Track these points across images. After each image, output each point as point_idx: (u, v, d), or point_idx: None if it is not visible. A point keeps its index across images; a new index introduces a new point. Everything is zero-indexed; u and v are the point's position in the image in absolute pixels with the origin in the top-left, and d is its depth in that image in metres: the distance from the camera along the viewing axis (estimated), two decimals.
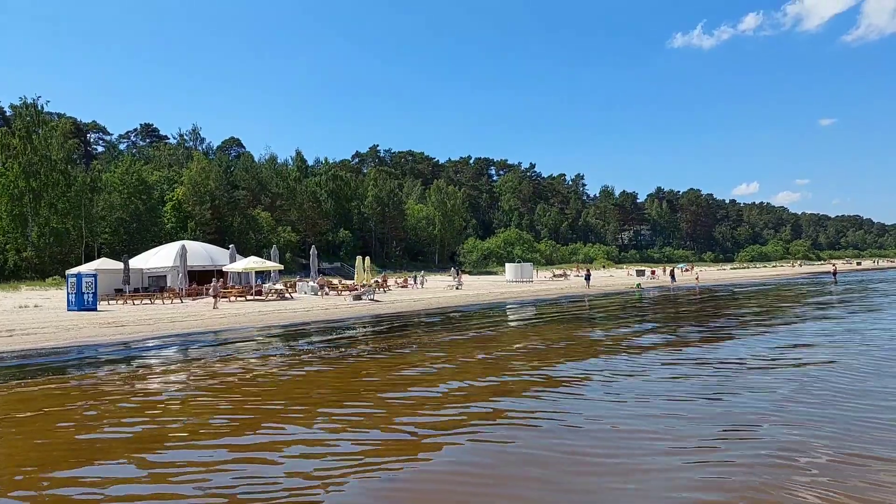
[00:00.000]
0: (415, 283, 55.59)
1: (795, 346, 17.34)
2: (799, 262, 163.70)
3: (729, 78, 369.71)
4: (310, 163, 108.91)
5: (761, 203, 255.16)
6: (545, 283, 62.65)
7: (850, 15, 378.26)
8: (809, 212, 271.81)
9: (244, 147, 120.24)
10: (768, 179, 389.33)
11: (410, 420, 9.60)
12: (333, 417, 9.88)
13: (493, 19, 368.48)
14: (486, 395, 11.45)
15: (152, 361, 16.67)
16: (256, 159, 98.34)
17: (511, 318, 29.56)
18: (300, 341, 20.58)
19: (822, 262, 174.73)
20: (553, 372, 13.72)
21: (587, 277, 58.08)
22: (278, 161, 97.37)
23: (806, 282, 66.39)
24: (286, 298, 37.59)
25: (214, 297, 32.61)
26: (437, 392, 11.80)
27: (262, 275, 44.41)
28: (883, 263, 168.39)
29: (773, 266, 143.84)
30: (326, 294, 41.88)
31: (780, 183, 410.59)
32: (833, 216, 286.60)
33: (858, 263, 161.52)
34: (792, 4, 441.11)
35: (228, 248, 44.54)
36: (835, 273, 71.39)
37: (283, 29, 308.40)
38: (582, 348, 17.90)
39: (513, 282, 61.90)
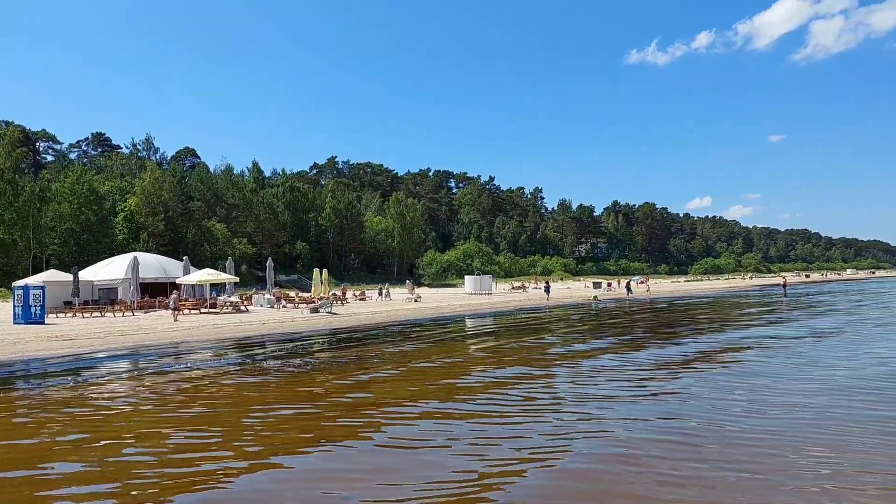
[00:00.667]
0: (379, 295, 55.26)
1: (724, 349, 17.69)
2: (750, 275, 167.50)
3: (683, 94, 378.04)
4: (267, 174, 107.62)
5: (714, 217, 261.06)
6: (504, 295, 62.86)
7: (798, 34, 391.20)
8: (760, 226, 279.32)
9: (199, 157, 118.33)
10: (721, 194, 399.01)
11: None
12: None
13: (454, 33, 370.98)
14: (436, 395, 11.35)
15: (99, 375, 16.16)
16: (212, 170, 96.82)
17: (470, 330, 29.55)
18: (252, 355, 20.22)
19: (773, 274, 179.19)
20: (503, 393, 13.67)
21: (546, 289, 58.80)
22: (234, 172, 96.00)
23: (757, 294, 68.00)
24: (241, 311, 36.97)
25: (175, 310, 31.92)
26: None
27: (217, 287, 43.66)
28: (830, 276, 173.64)
29: (726, 278, 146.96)
30: (283, 307, 41.31)
31: (732, 197, 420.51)
32: (783, 230, 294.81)
33: (807, 276, 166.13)
34: (743, 23, 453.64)
35: (182, 260, 43.67)
36: (785, 286, 73.06)
37: (240, 38, 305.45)
38: (539, 360, 17.93)
39: (472, 294, 61.98)
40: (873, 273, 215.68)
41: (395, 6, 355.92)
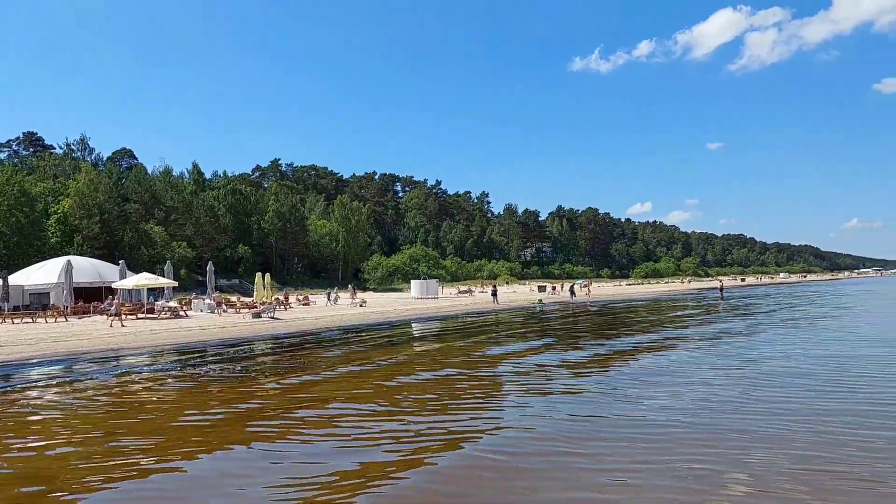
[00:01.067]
0: (328, 299, 54.69)
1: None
2: (689, 278, 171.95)
3: (625, 101, 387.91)
4: (207, 176, 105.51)
5: (654, 222, 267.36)
6: (450, 299, 62.86)
7: (735, 45, 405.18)
8: (699, 231, 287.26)
9: (137, 158, 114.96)
10: (661, 199, 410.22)
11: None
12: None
13: (401, 39, 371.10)
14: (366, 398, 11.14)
15: (25, 382, 15.37)
16: (150, 171, 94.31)
17: (416, 334, 29.35)
18: (191, 361, 19.60)
19: (710, 277, 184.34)
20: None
21: (494, 294, 59.10)
22: (174, 174, 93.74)
23: (695, 297, 69.68)
24: (181, 317, 35.93)
25: (117, 315, 30.88)
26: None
27: (155, 292, 42.42)
28: (765, 280, 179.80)
29: (666, 282, 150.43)
30: (224, 312, 40.34)
31: (672, 203, 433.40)
32: (720, 235, 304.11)
33: (743, 280, 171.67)
34: (682, 33, 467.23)
35: (118, 264, 42.25)
36: (721, 289, 75.04)
37: (179, 37, 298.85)
38: (476, 362, 17.86)
39: (418, 298, 61.73)
40: (805, 277, 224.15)
41: (341, 8, 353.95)
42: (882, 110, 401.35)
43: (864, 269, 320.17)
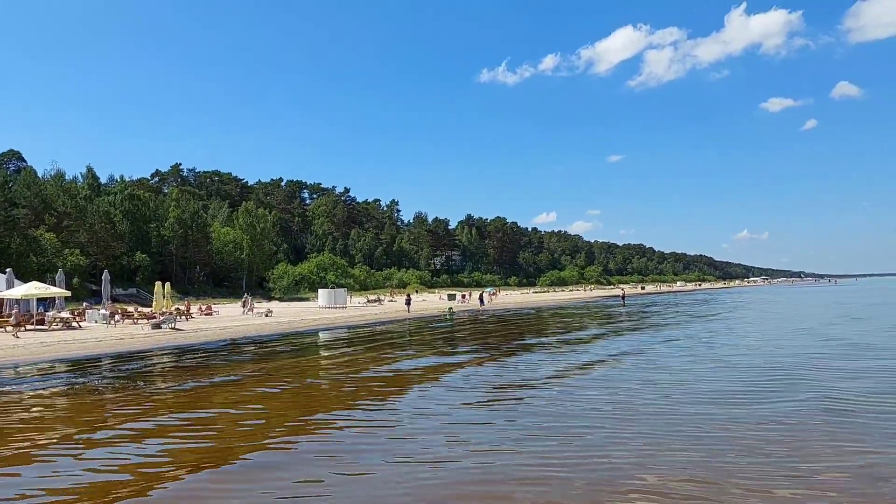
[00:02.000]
0: (244, 307, 53.54)
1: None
2: (592, 286, 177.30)
3: (531, 113, 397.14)
4: (103, 180, 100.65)
5: (559, 231, 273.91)
6: (359, 308, 62.34)
7: (634, 62, 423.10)
8: (601, 240, 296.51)
9: (25, 161, 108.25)
10: (565, 210, 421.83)
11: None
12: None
13: (306, 47, 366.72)
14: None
15: None
16: (41, 175, 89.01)
17: (321, 344, 29.01)
18: (84, 374, 18.64)
19: (613, 286, 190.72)
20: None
21: (408, 302, 59.69)
22: (66, 178, 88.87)
23: (599, 304, 72.02)
24: (73, 328, 34.03)
25: (16, 325, 29.01)
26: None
27: (45, 302, 40.07)
28: (664, 288, 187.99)
29: (570, 290, 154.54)
30: (117, 322, 38.50)
31: (576, 213, 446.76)
32: (621, 244, 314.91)
33: (643, 288, 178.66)
34: (586, 48, 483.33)
35: (5, 273, 39.64)
36: (623, 297, 77.85)
37: (71, 36, 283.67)
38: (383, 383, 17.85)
39: (326, 308, 60.92)
40: (699, 285, 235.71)
41: (246, 15, 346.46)
42: (768, 128, 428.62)
43: (753, 278, 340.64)
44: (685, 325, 36.55)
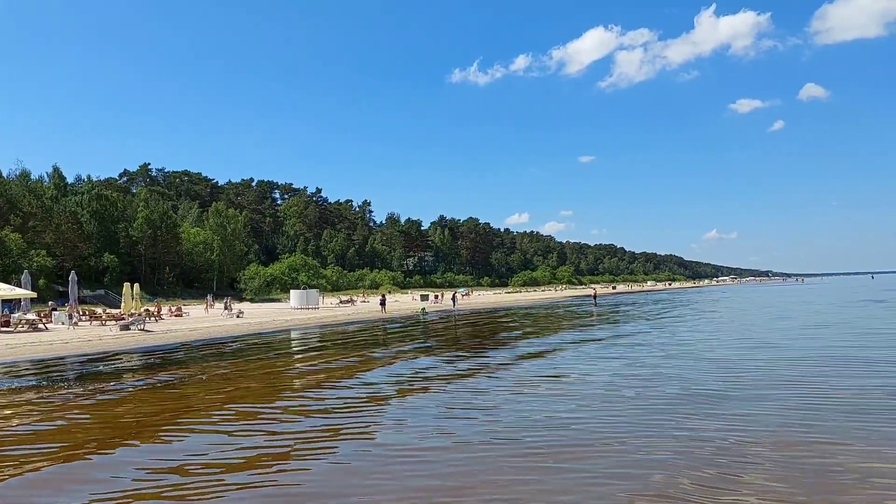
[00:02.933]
0: (226, 309, 53.52)
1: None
2: (564, 286, 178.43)
3: (502, 114, 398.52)
4: (70, 180, 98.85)
5: (532, 232, 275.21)
6: (332, 309, 62.09)
7: (605, 63, 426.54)
8: (573, 241, 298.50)
9: None
10: (537, 210, 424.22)
11: None
12: None
13: (273, 47, 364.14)
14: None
15: None
16: (5, 175, 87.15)
17: (293, 345, 28.89)
18: (48, 377, 18.37)
19: (584, 285, 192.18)
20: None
21: (382, 303, 59.80)
22: (32, 177, 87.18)
23: (570, 304, 72.53)
24: (40, 329, 33.44)
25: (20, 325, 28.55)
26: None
27: (10, 304, 39.35)
28: (635, 287, 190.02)
29: (543, 290, 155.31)
30: (79, 323, 37.92)
31: (548, 214, 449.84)
32: (592, 245, 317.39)
33: (614, 287, 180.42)
34: (557, 49, 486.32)
35: None
36: (595, 296, 78.50)
37: (36, 33, 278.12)
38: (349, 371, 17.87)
39: (298, 309, 60.57)
40: (670, 284, 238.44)
41: (217, 15, 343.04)
42: (737, 129, 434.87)
43: (723, 277, 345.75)
44: (622, 326, 37.08)
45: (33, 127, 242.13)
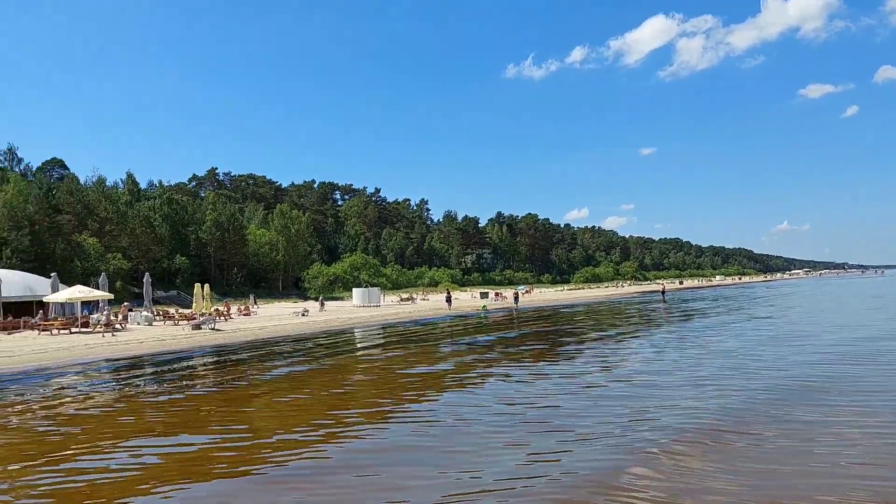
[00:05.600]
0: (321, 307, 56.46)
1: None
2: (629, 282, 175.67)
3: (559, 107, 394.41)
4: (143, 186, 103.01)
5: (593, 227, 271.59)
6: (393, 307, 62.96)
7: (665, 52, 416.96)
8: (636, 235, 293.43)
9: (68, 169, 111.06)
10: (597, 205, 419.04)
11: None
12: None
13: (333, 49, 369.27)
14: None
15: None
16: (83, 182, 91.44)
17: (361, 343, 29.51)
18: (124, 376, 19.39)
19: (649, 281, 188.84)
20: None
21: (448, 300, 60.57)
22: (107, 184, 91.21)
23: (638, 300, 71.39)
24: (117, 330, 35.14)
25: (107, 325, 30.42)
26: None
27: (90, 305, 41.33)
28: (704, 283, 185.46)
29: (606, 286, 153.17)
30: (153, 323, 39.60)
31: (608, 208, 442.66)
32: (657, 239, 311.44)
33: (681, 283, 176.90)
34: (615, 39, 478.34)
35: (50, 277, 41.04)
36: (663, 292, 77.15)
37: (107, 50, 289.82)
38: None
39: (360, 307, 61.70)
40: (740, 279, 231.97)
41: (271, 25, 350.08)
42: (808, 115, 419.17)
43: (796, 270, 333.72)
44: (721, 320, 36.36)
45: (108, 136, 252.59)
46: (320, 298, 63.17)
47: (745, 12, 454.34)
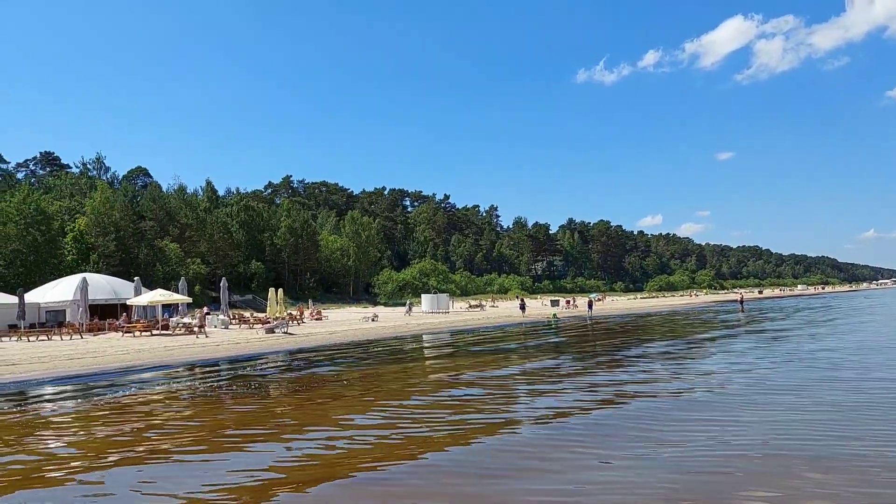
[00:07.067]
0: (407, 312, 59.59)
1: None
2: (704, 291, 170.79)
3: (631, 112, 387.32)
4: (221, 193, 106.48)
5: (667, 234, 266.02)
6: (462, 313, 62.95)
7: (743, 54, 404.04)
8: (713, 243, 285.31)
9: (151, 177, 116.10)
10: (671, 211, 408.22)
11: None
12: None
13: (405, 57, 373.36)
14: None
15: (34, 403, 15.66)
16: (164, 189, 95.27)
17: (427, 348, 29.44)
18: (203, 378, 19.83)
19: (726, 290, 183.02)
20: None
21: (521, 307, 60.74)
22: (188, 191, 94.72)
23: (714, 310, 68.88)
24: (194, 332, 36.24)
25: (201, 327, 31.52)
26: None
27: (170, 308, 42.80)
28: (786, 292, 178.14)
29: (681, 295, 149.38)
30: (229, 327, 40.63)
31: (683, 215, 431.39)
32: (735, 247, 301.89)
33: (760, 292, 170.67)
34: (690, 42, 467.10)
35: (133, 281, 42.72)
36: (742, 301, 74.36)
37: (188, 60, 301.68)
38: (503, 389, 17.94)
39: (429, 313, 61.92)
40: (823, 288, 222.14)
41: (347, 32, 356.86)
42: (895, 118, 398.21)
43: (883, 280, 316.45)
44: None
45: (188, 144, 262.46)
46: (408, 304, 65.98)
47: (828, 12, 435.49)
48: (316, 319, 51.08)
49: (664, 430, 10.30)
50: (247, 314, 50.68)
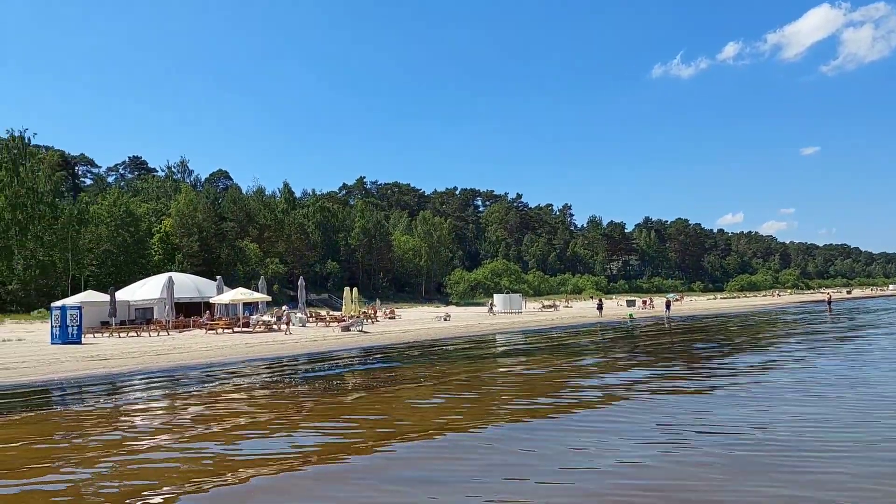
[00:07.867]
0: (490, 311, 60.54)
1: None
2: (789, 291, 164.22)
3: (709, 107, 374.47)
4: (297, 194, 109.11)
5: (749, 232, 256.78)
6: (534, 314, 62.44)
7: (829, 44, 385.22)
8: (797, 241, 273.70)
9: (232, 179, 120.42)
10: (753, 209, 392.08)
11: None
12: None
13: (478, 56, 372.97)
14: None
15: (134, 396, 16.35)
16: (244, 191, 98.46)
17: (501, 349, 29.33)
18: (283, 373, 20.30)
19: (812, 290, 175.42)
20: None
21: (599, 307, 60.95)
22: (266, 193, 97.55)
23: (800, 310, 65.76)
24: (273, 330, 37.22)
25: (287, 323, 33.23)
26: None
27: (250, 306, 44.06)
28: (877, 292, 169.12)
29: (763, 295, 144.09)
30: (306, 325, 41.51)
31: (765, 212, 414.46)
32: (821, 245, 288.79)
33: (849, 292, 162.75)
34: (772, 33, 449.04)
35: (216, 280, 44.24)
36: (829, 301, 71.13)
37: (266, 67, 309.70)
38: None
39: (502, 312, 61.70)
40: None
41: (416, 35, 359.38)
42: None
43: None
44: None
45: (267, 147, 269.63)
46: (490, 303, 65.58)
47: None
48: (389, 318, 51.69)
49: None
50: (323, 312, 51.74)
